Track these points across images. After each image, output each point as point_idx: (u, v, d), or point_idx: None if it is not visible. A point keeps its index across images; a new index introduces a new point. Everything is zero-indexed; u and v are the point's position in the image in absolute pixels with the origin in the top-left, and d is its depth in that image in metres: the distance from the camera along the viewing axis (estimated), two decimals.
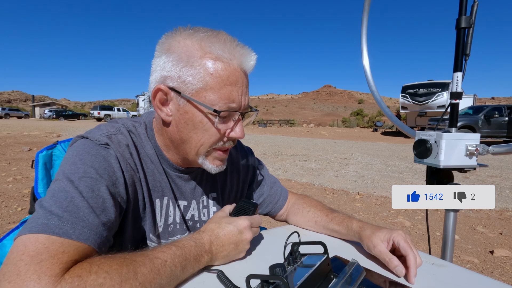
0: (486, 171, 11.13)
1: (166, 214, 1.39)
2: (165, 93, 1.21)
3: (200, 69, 1.15)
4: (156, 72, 1.22)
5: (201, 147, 1.26)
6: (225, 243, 1.20)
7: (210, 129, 1.22)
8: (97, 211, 1.03)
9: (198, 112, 1.19)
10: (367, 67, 2.62)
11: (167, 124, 1.27)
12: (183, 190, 1.43)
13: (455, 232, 1.90)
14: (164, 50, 1.20)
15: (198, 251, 1.12)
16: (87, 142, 1.16)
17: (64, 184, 1.03)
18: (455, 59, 1.81)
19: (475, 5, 1.77)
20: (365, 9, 2.58)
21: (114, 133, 1.24)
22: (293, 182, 9.13)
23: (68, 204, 0.98)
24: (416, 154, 1.86)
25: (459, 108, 1.87)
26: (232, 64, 1.18)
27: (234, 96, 1.19)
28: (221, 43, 1.17)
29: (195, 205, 1.48)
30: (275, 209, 1.75)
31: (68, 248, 0.92)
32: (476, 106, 26.66)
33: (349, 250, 1.44)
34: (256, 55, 1.25)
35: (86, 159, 1.10)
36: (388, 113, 2.61)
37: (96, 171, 1.08)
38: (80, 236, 0.95)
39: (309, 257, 1.14)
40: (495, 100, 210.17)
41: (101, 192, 1.06)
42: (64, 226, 0.94)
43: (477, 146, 1.72)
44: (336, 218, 1.56)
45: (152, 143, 1.34)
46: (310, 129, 45.76)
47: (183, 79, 1.17)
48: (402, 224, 5.73)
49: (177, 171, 1.39)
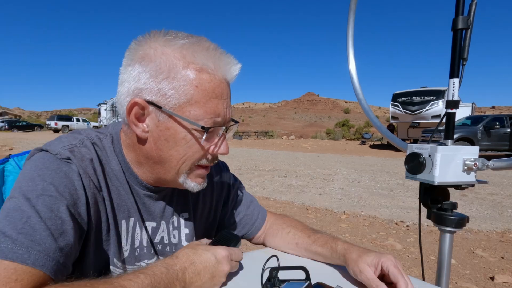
0: (486, 188, 11.30)
1: (133, 236, 1.36)
2: (142, 108, 1.18)
3: (183, 81, 1.14)
4: (129, 83, 1.19)
5: (183, 165, 1.25)
6: (201, 272, 1.18)
7: (194, 146, 1.22)
8: (55, 234, 1.01)
9: (181, 128, 1.19)
10: (354, 72, 2.64)
11: (143, 141, 1.24)
12: (151, 210, 1.41)
13: (451, 255, 1.92)
14: (137, 58, 1.18)
15: (170, 279, 1.10)
16: (46, 156, 1.14)
17: (20, 203, 1.01)
18: (451, 64, 1.82)
19: (473, 4, 1.77)
20: (351, 9, 2.61)
21: (76, 145, 1.22)
22: (271, 201, 9.14)
23: (24, 225, 0.96)
24: (408, 169, 1.86)
25: (455, 118, 1.88)
26: (217, 75, 1.18)
27: (220, 110, 1.20)
28: (204, 51, 1.16)
29: (164, 226, 1.46)
30: (252, 231, 1.74)
31: (22, 276, 0.90)
32: (474, 116, 26.86)
33: (334, 275, 1.44)
34: (240, 64, 1.25)
35: (46, 175, 1.08)
36: (377, 123, 2.62)
37: (56, 189, 1.06)
38: (35, 262, 0.93)
39: (289, 284, 1.14)
40: (496, 110, 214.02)
41: (60, 212, 1.04)
42: (18, 250, 0.92)
43: (476, 161, 1.72)
44: (319, 239, 1.56)
45: (119, 158, 1.32)
46: (291, 141, 45.87)
47: (163, 92, 1.15)
48: (392, 247, 5.77)
49: (146, 189, 1.37)
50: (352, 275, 1.36)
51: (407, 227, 6.95)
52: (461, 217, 1.82)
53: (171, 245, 1.48)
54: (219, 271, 1.22)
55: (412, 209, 8.40)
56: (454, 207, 1.85)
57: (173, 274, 1.12)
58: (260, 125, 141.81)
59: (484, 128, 23.04)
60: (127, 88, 1.19)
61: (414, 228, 6.85)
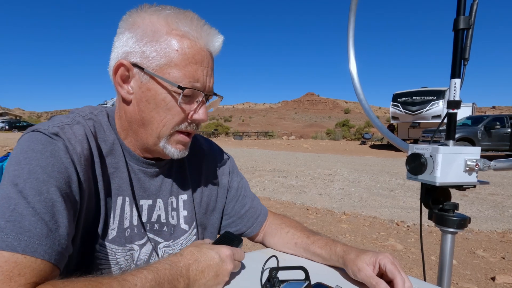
0: (486, 188, 11.31)
1: (121, 216, 1.34)
2: (127, 69, 1.25)
3: (165, 45, 1.21)
4: (118, 48, 1.27)
5: (164, 128, 1.28)
6: (205, 270, 1.19)
7: (173, 108, 1.27)
8: (46, 218, 0.99)
9: (161, 89, 1.24)
10: (354, 73, 2.64)
11: (128, 102, 1.30)
12: (146, 186, 1.42)
13: (452, 256, 1.91)
14: (127, 26, 1.25)
15: (173, 275, 1.11)
16: (32, 136, 1.13)
17: (7, 190, 1.00)
18: (453, 64, 1.82)
19: (475, 4, 1.77)
20: (352, 9, 2.60)
21: (68, 123, 1.22)
22: (272, 201, 9.15)
23: (11, 213, 0.95)
24: (409, 170, 1.86)
25: (457, 118, 1.88)
26: (199, 43, 1.24)
27: (199, 76, 1.25)
28: (188, 20, 1.23)
29: (161, 204, 1.46)
30: (256, 226, 1.73)
31: (24, 270, 0.90)
32: (475, 116, 26.85)
33: (333, 275, 1.44)
34: (222, 37, 1.32)
35: (31, 157, 1.06)
36: (377, 124, 2.62)
37: (43, 170, 1.05)
38: (26, 249, 0.92)
39: (289, 284, 1.14)
40: (496, 110, 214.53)
41: (50, 194, 1.03)
42: (7, 239, 0.91)
43: (478, 161, 1.72)
44: (319, 240, 1.56)
45: (114, 132, 1.36)
46: (291, 141, 45.92)
47: (147, 55, 1.22)
48: (393, 247, 5.77)
49: (142, 164, 1.40)
50: (351, 276, 1.36)
51: (408, 227, 6.94)
52: (463, 218, 1.81)
53: (169, 226, 1.47)
54: (223, 269, 1.22)
55: (412, 209, 8.41)
56: (456, 207, 1.84)
57: (177, 271, 1.12)
58: (260, 125, 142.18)
59: (485, 128, 23.03)
60: (116, 52, 1.27)
61: (414, 228, 6.86)
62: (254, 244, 1.79)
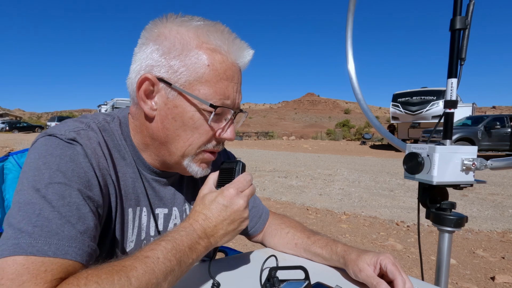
0: (487, 188, 11.28)
1: (139, 227, 1.33)
2: (152, 84, 1.18)
3: (195, 59, 1.15)
4: (141, 61, 1.20)
5: (189, 147, 1.24)
6: (217, 223, 1.16)
7: (201, 127, 1.22)
8: (73, 220, 0.99)
9: (190, 107, 1.19)
10: (353, 73, 2.64)
11: (150, 119, 1.23)
12: (161, 195, 1.40)
13: (450, 255, 1.92)
14: (152, 37, 1.19)
15: (191, 239, 1.10)
16: (49, 141, 1.10)
17: (29, 195, 0.98)
18: (449, 64, 1.83)
19: (471, 4, 1.78)
20: (350, 9, 2.61)
21: (83, 128, 1.18)
22: (272, 201, 9.14)
23: (38, 218, 0.94)
24: (406, 169, 1.87)
25: (454, 118, 1.88)
26: (230, 58, 1.19)
27: (230, 93, 1.20)
28: (218, 33, 1.18)
29: (177, 213, 1.45)
30: (259, 225, 1.73)
31: (51, 266, 0.90)
32: (475, 116, 26.82)
33: (333, 275, 1.44)
34: (253, 51, 1.26)
35: (50, 162, 1.04)
36: (375, 123, 2.62)
37: (64, 175, 1.03)
38: (57, 252, 0.92)
39: (289, 284, 1.14)
40: (497, 110, 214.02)
41: (73, 198, 1.01)
42: (37, 244, 0.91)
43: (474, 160, 1.73)
44: (319, 241, 1.55)
45: (127, 142, 1.31)
46: (291, 142, 45.85)
47: (175, 69, 1.16)
48: (393, 247, 5.77)
49: (153, 173, 1.36)
50: (352, 276, 1.36)
51: (408, 227, 6.94)
52: (460, 216, 1.82)
53: None
54: (233, 211, 1.18)
55: (412, 209, 8.39)
56: (453, 206, 1.85)
57: (192, 234, 1.11)
58: (260, 125, 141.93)
59: (485, 128, 23.04)
60: (139, 65, 1.21)
61: (414, 228, 6.84)
62: (254, 244, 1.79)
